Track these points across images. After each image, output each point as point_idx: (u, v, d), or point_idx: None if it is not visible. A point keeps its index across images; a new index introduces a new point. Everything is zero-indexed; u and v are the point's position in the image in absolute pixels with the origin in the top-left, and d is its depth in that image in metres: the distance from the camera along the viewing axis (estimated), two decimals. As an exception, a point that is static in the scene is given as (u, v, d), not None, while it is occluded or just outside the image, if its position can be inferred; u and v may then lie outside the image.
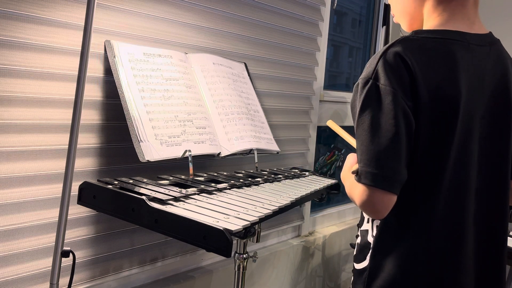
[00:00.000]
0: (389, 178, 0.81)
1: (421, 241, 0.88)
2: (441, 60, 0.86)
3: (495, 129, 0.92)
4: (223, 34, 1.60)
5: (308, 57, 2.03)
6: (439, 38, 0.88)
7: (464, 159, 0.88)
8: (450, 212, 0.88)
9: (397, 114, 0.81)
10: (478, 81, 0.89)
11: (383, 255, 0.90)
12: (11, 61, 1.08)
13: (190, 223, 0.94)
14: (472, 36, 0.90)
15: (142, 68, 1.26)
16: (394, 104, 0.81)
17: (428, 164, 0.86)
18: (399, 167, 0.82)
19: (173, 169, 1.40)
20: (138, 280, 1.45)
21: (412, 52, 0.84)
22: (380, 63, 0.84)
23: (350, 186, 0.88)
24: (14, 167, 1.11)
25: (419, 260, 0.87)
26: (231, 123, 1.45)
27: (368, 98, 0.84)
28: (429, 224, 0.87)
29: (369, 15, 2.74)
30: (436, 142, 0.85)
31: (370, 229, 0.95)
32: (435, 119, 0.84)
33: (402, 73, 0.83)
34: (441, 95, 0.84)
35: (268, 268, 1.90)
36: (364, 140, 0.83)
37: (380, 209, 0.83)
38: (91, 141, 1.25)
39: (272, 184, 1.39)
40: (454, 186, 0.88)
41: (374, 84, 0.83)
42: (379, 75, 0.83)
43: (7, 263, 1.12)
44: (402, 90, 0.82)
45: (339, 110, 2.32)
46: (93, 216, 1.28)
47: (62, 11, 1.15)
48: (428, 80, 0.83)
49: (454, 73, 0.85)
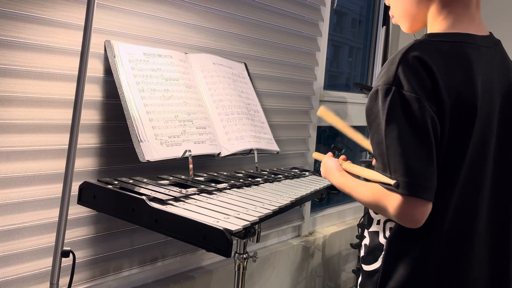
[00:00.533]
0: (427, 187, 0.80)
1: (434, 243, 0.87)
2: (458, 64, 0.85)
3: (506, 129, 0.92)
4: (223, 34, 1.60)
5: (308, 57, 2.03)
6: (453, 41, 0.87)
7: (479, 161, 0.88)
8: (463, 214, 0.88)
9: (426, 120, 0.80)
10: (489, 84, 0.88)
11: (397, 257, 0.89)
12: (11, 61, 1.08)
13: (190, 223, 0.94)
14: (481, 38, 0.89)
15: (142, 68, 1.26)
16: (421, 111, 0.80)
17: (445, 167, 0.85)
18: (434, 174, 0.81)
19: (173, 169, 1.40)
20: (138, 280, 1.45)
21: (430, 56, 0.83)
22: (400, 69, 0.82)
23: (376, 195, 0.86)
24: (14, 167, 1.11)
25: (433, 262, 0.87)
26: (231, 123, 1.45)
27: (393, 106, 0.82)
28: (442, 227, 0.87)
29: (369, 15, 2.74)
30: (455, 145, 0.84)
31: (381, 231, 0.94)
32: (456, 123, 0.83)
33: (424, 78, 0.81)
34: (461, 99, 0.83)
35: (268, 268, 1.90)
36: (396, 150, 0.81)
37: (420, 218, 0.82)
38: (91, 141, 1.25)
39: (272, 184, 1.39)
40: (467, 188, 0.87)
41: (398, 91, 0.81)
42: (402, 81, 0.81)
43: (7, 263, 1.12)
44: (426, 96, 0.81)
45: (339, 110, 2.32)
46: (93, 216, 1.28)
47: (62, 11, 1.15)
48: (448, 84, 0.82)
49: (471, 76, 0.85)
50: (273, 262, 1.92)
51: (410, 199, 0.80)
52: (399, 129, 0.81)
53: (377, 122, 0.84)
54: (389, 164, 0.83)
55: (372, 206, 0.89)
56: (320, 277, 2.26)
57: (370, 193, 0.88)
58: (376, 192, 0.86)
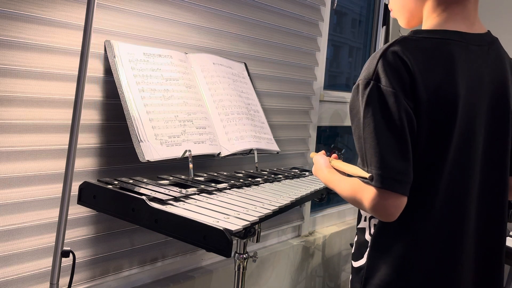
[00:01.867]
0: (401, 180, 0.81)
1: (418, 242, 0.87)
2: (439, 61, 0.86)
3: (495, 129, 0.92)
4: (223, 34, 1.60)
5: (308, 57, 2.03)
6: (438, 38, 0.87)
7: (463, 160, 0.88)
8: (448, 213, 0.88)
9: (401, 115, 0.81)
10: (478, 82, 0.88)
11: (380, 254, 0.90)
12: (11, 61, 1.08)
13: (190, 223, 0.94)
14: (472, 36, 0.89)
15: (142, 68, 1.26)
16: (397, 105, 0.81)
17: (427, 165, 0.86)
18: (408, 168, 0.82)
19: (173, 169, 1.40)
20: (138, 280, 1.45)
21: (411, 52, 0.84)
22: (380, 64, 0.84)
23: (354, 189, 0.87)
24: (14, 167, 1.11)
25: (415, 261, 0.87)
26: (231, 123, 1.45)
27: (370, 100, 0.83)
28: (426, 225, 0.87)
29: (369, 15, 2.74)
30: (435, 143, 0.85)
31: (367, 227, 0.95)
32: (434, 120, 0.84)
33: (402, 74, 0.82)
34: (439, 96, 0.84)
35: (268, 268, 1.90)
36: (371, 143, 0.82)
37: (394, 212, 0.82)
38: (91, 141, 1.25)
39: (272, 184, 1.39)
40: (453, 187, 0.87)
41: (376, 85, 0.83)
42: (380, 76, 0.83)
43: (7, 263, 1.12)
44: (403, 91, 0.82)
45: (339, 110, 2.32)
46: (93, 216, 1.28)
47: (62, 11, 1.15)
48: (427, 81, 0.83)
49: (453, 74, 0.85)
50: (273, 262, 1.92)
51: (383, 192, 0.81)
52: (375, 123, 0.82)
53: (358, 117, 0.86)
54: (366, 157, 0.84)
55: (351, 200, 0.90)
56: (320, 277, 2.26)
57: (349, 187, 0.89)
58: (354, 186, 0.87)
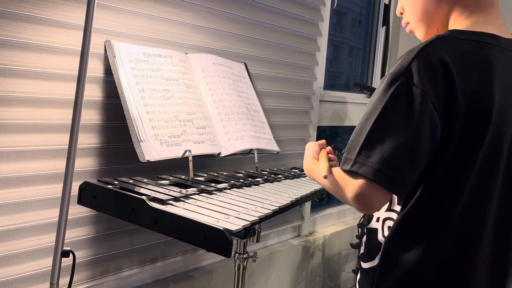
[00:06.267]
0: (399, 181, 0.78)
1: (434, 249, 0.84)
2: (477, 65, 0.81)
3: None
4: (223, 34, 1.60)
5: (308, 57, 2.03)
6: (476, 41, 0.83)
7: (489, 169, 0.84)
8: (468, 222, 0.85)
9: (423, 119, 0.77)
10: (508, 91, 0.84)
11: (394, 257, 0.86)
12: (11, 61, 1.08)
13: (190, 223, 0.94)
14: (505, 41, 0.85)
15: (142, 68, 1.26)
16: (422, 108, 0.76)
17: (452, 172, 0.82)
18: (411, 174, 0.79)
19: (173, 169, 1.40)
20: (138, 280, 1.45)
21: (450, 54, 0.79)
22: (415, 62, 0.78)
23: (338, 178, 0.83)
24: (14, 167, 1.11)
25: (429, 268, 0.84)
26: (231, 123, 1.45)
27: (396, 95, 0.78)
28: (444, 233, 0.84)
29: (369, 15, 2.74)
30: (464, 150, 0.81)
31: (380, 228, 0.92)
32: (468, 126, 0.80)
33: (438, 76, 0.77)
34: (476, 102, 0.79)
35: (268, 268, 1.90)
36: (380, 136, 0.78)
37: (375, 205, 0.79)
38: (91, 141, 1.25)
39: (272, 184, 1.39)
40: (475, 196, 0.84)
41: (405, 82, 0.78)
42: (413, 74, 0.78)
43: (7, 263, 1.12)
44: (434, 94, 0.77)
45: (339, 110, 2.32)
46: (93, 216, 1.28)
47: (62, 11, 1.15)
48: (464, 85, 0.78)
49: (490, 79, 0.81)
50: (273, 262, 1.92)
51: (374, 185, 0.77)
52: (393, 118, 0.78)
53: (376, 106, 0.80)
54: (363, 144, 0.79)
55: (331, 188, 0.86)
56: (320, 277, 2.26)
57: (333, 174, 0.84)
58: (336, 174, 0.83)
